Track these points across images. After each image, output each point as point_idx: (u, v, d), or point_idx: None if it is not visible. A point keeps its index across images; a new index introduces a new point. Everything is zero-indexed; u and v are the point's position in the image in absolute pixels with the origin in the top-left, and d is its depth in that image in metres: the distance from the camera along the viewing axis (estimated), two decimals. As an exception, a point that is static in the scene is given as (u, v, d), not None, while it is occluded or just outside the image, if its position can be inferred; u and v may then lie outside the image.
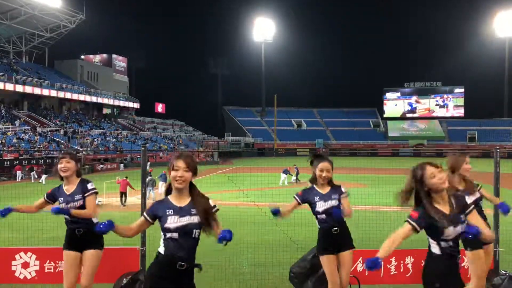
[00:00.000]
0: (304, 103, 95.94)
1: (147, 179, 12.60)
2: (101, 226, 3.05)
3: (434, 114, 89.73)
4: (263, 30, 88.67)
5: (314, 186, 4.49)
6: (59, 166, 4.26)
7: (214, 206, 3.26)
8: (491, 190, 5.18)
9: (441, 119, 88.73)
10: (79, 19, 61.92)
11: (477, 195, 4.49)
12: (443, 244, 3.11)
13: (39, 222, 9.96)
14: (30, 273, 5.35)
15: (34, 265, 5.34)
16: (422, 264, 5.40)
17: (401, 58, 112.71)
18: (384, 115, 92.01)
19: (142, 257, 5.38)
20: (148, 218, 3.19)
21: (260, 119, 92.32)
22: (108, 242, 4.55)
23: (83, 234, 4.23)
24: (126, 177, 17.97)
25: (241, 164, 44.12)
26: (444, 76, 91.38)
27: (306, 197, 4.46)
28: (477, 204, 4.39)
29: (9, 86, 50.44)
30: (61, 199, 4.25)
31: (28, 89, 52.68)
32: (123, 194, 17.61)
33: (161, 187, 18.86)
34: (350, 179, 19.70)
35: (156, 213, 3.16)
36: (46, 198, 4.36)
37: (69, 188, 4.28)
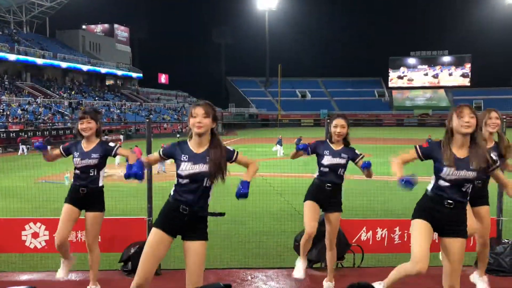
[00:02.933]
0: (308, 73, 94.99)
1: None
2: (133, 168, 3.25)
3: (440, 83, 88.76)
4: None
5: (327, 141, 4.51)
6: (80, 126, 4.30)
7: (234, 151, 3.30)
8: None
9: (447, 88, 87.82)
10: (79, -12, 60.83)
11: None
12: (440, 182, 3.24)
13: (47, 192, 10.10)
14: (40, 242, 5.46)
15: (44, 235, 5.44)
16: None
17: (407, 27, 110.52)
18: (389, 85, 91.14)
19: (149, 227, 5.46)
20: (163, 156, 3.34)
21: (264, 90, 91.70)
22: (117, 212, 4.62)
23: (86, 194, 4.29)
24: (136, 146, 18.23)
25: (245, 135, 44.16)
26: (451, 45, 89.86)
27: (316, 148, 4.47)
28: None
29: (12, 57, 50.12)
30: (76, 154, 4.31)
31: (31, 60, 52.32)
32: None
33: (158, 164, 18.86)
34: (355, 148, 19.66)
35: (170, 155, 3.27)
36: (61, 150, 4.43)
37: (87, 146, 4.34)
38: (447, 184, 3.22)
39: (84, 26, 75.21)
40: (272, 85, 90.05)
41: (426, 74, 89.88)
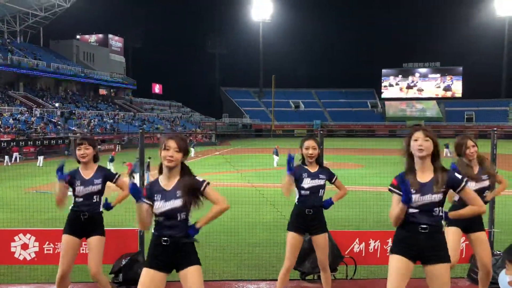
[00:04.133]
0: (302, 84, 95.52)
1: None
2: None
3: (432, 95, 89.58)
4: (261, 9, 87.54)
5: (303, 165, 4.49)
6: (78, 152, 4.31)
7: (203, 182, 3.22)
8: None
9: (439, 99, 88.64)
10: (73, -2, 60.95)
11: (485, 183, 4.37)
12: (410, 210, 3.18)
13: (37, 203, 9.99)
14: (29, 254, 5.39)
15: (34, 246, 5.37)
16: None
17: (399, 39, 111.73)
18: (382, 96, 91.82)
19: (140, 239, 5.42)
20: (148, 202, 3.21)
21: (258, 100, 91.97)
22: (108, 223, 4.57)
23: (87, 219, 4.26)
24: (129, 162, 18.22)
25: (238, 145, 44.14)
26: (443, 57, 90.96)
27: (296, 172, 4.41)
28: (482, 192, 4.30)
29: (5, 66, 49.90)
30: (78, 182, 4.27)
31: (24, 70, 52.13)
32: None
33: (145, 175, 18.65)
34: (347, 159, 19.74)
35: (151, 196, 3.21)
36: (64, 184, 4.27)
37: (87, 173, 4.33)
38: (416, 210, 3.16)
39: (78, 36, 75.28)
40: (265, 96, 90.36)
41: (418, 86, 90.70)
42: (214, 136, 56.76)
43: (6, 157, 29.71)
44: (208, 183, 3.24)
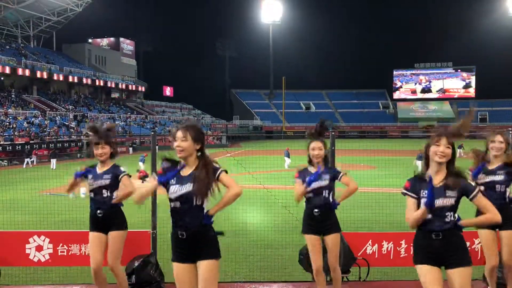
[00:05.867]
0: (312, 85, 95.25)
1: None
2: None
3: (444, 95, 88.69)
4: (271, 11, 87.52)
5: (308, 167, 4.51)
6: (96, 152, 4.39)
7: (217, 170, 3.19)
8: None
9: (451, 100, 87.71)
10: (86, 2, 61.63)
11: (497, 177, 4.31)
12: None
13: (51, 205, 10.10)
14: (44, 256, 5.44)
15: (48, 248, 5.42)
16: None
17: (411, 39, 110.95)
18: (394, 97, 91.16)
19: (153, 240, 5.44)
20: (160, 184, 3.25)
21: (269, 102, 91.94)
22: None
23: (104, 216, 4.33)
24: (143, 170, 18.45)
25: (249, 147, 44.17)
26: (455, 57, 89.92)
27: (301, 176, 4.43)
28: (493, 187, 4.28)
29: (19, 71, 50.68)
30: (90, 176, 4.40)
31: (37, 74, 52.86)
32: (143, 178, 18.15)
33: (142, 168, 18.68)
34: (359, 161, 19.63)
35: (166, 182, 3.23)
36: (80, 177, 4.46)
37: (101, 169, 4.44)
38: (429, 216, 3.13)
39: (90, 40, 76.04)
40: (276, 97, 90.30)
41: (430, 86, 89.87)
42: (225, 138, 56.90)
43: (27, 159, 30.26)
44: (224, 171, 3.22)
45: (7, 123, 40.06)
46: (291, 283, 5.47)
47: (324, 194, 4.38)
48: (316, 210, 4.36)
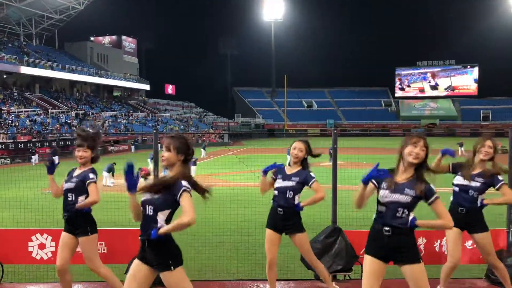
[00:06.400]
0: (314, 83, 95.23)
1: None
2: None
3: (447, 93, 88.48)
4: (273, 9, 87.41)
5: (286, 166, 4.60)
6: (76, 153, 4.38)
7: (181, 188, 3.10)
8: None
9: (454, 98, 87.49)
10: (88, 0, 61.66)
11: (473, 184, 4.36)
12: (379, 207, 3.30)
13: (53, 203, 10.11)
14: (46, 254, 5.46)
15: (50, 246, 5.44)
16: (434, 245, 5.43)
17: (413, 37, 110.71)
18: (396, 95, 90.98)
19: (155, 238, 5.44)
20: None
21: (270, 100, 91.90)
22: (122, 223, 4.61)
23: (68, 219, 4.34)
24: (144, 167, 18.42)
25: (251, 145, 44.19)
26: (458, 55, 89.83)
27: (277, 173, 4.56)
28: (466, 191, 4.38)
29: (21, 69, 50.77)
30: (66, 178, 4.40)
31: (40, 72, 52.97)
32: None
33: (105, 179, 18.39)
34: (361, 159, 19.60)
35: None
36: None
37: (78, 171, 4.41)
38: (383, 208, 3.25)
39: (92, 38, 76.06)
40: (278, 96, 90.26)
41: (433, 84, 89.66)
42: (227, 136, 56.92)
43: (34, 156, 30.40)
44: (187, 191, 3.09)
45: (10, 121, 40.15)
46: (293, 281, 5.48)
47: (288, 195, 4.44)
48: (279, 209, 4.47)
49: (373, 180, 3.30)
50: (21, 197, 12.61)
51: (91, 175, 4.31)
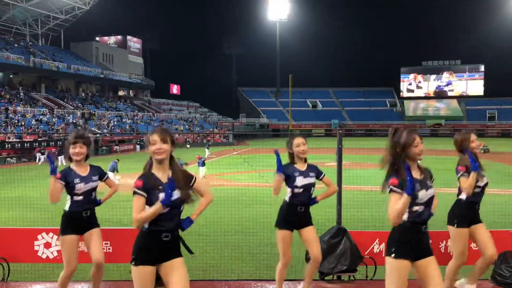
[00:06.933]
0: (319, 83, 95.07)
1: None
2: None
3: (452, 93, 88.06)
4: (278, 8, 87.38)
5: (291, 164, 4.50)
6: (73, 150, 4.33)
7: (192, 177, 3.34)
8: (510, 170, 5.07)
9: (459, 98, 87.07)
10: (93, 1, 61.94)
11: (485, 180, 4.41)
12: (415, 208, 3.20)
13: (59, 203, 10.14)
14: (52, 253, 5.49)
15: (56, 245, 5.46)
16: (440, 246, 5.40)
17: (418, 37, 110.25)
18: (401, 95, 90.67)
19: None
20: (143, 194, 3.14)
21: (275, 100, 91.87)
22: (126, 222, 4.63)
23: (89, 216, 4.37)
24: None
25: (256, 145, 44.20)
26: (463, 54, 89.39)
27: (286, 172, 4.41)
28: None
29: (27, 69, 51.07)
30: (77, 180, 4.28)
31: (45, 72, 53.25)
32: None
33: (112, 177, 18.40)
34: (366, 159, 19.55)
35: (150, 190, 3.14)
36: (61, 182, 4.29)
37: (83, 170, 4.36)
38: (422, 207, 3.23)
39: (97, 38, 76.37)
40: (283, 95, 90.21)
41: (438, 84, 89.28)
42: (232, 136, 56.96)
43: (42, 156, 30.68)
44: (196, 178, 3.35)
45: (16, 121, 40.40)
46: (297, 281, 5.47)
47: (311, 191, 4.44)
48: (300, 207, 4.42)
49: (396, 189, 3.17)
50: (27, 196, 12.68)
51: (104, 171, 4.57)
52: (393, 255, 3.26)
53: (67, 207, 4.38)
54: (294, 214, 4.43)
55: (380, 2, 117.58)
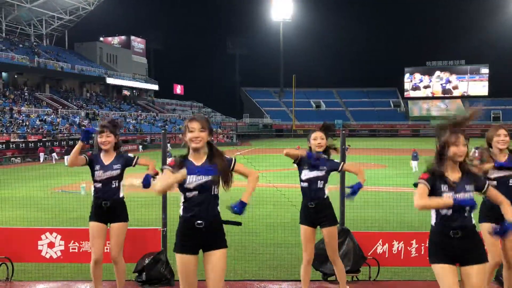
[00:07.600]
0: (323, 83, 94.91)
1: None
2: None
3: (457, 93, 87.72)
4: (282, 9, 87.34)
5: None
6: (99, 140, 4.31)
7: (231, 160, 3.29)
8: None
9: (464, 98, 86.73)
10: (97, 1, 62.10)
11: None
12: (442, 211, 3.10)
13: (63, 202, 10.21)
14: (55, 252, 5.51)
15: (59, 245, 5.48)
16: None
17: (422, 37, 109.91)
18: (405, 95, 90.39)
19: (163, 238, 5.47)
20: (171, 170, 3.18)
21: (279, 100, 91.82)
22: (131, 222, 4.63)
23: (109, 207, 4.31)
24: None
25: (259, 145, 44.18)
26: (468, 54, 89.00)
27: (301, 160, 4.39)
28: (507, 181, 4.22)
29: (32, 69, 51.29)
30: (97, 167, 4.31)
31: (50, 72, 53.46)
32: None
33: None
34: (370, 160, 19.52)
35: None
36: (86, 158, 4.37)
37: (107, 159, 4.36)
38: (450, 211, 3.07)
39: (101, 38, 76.57)
40: (286, 96, 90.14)
41: (442, 84, 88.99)
42: (235, 136, 56.96)
43: (53, 154, 31.03)
44: (236, 160, 3.30)
45: (20, 121, 40.58)
46: (300, 281, 5.45)
47: (318, 185, 4.34)
48: (310, 203, 4.34)
49: (425, 183, 3.10)
50: (31, 196, 12.74)
51: (131, 155, 4.49)
52: (429, 260, 3.20)
53: (92, 194, 4.43)
54: (307, 210, 4.38)
55: (384, 2, 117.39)
